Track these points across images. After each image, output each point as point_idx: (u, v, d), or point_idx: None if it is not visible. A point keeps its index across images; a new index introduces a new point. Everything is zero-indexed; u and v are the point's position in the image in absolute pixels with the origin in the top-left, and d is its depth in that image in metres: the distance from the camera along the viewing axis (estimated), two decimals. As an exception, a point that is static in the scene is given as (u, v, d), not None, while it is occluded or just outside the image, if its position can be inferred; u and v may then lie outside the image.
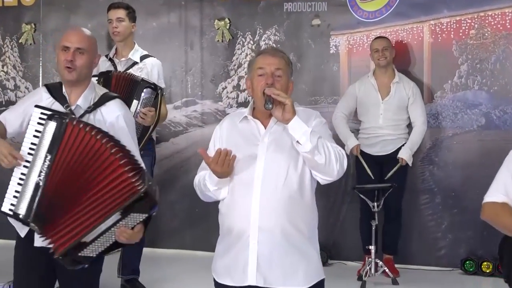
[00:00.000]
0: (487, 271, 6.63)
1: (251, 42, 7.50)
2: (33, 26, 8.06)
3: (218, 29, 7.57)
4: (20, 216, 3.54)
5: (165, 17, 7.76)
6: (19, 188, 3.56)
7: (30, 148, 3.58)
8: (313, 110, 3.58)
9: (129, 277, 5.87)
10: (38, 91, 3.94)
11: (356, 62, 7.17)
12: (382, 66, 6.64)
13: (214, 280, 3.51)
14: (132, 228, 3.44)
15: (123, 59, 5.98)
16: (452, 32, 6.90)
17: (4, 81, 8.21)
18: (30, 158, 3.57)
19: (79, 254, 3.52)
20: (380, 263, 6.26)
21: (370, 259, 6.18)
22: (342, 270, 6.75)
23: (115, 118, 3.76)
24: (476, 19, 6.81)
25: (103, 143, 3.42)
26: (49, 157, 3.52)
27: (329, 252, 6.84)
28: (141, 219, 3.48)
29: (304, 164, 3.38)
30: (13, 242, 3.92)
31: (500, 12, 6.75)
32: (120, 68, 5.90)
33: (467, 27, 6.86)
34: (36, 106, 3.65)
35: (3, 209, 3.59)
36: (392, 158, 6.60)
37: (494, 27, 6.78)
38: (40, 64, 7.98)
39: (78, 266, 3.59)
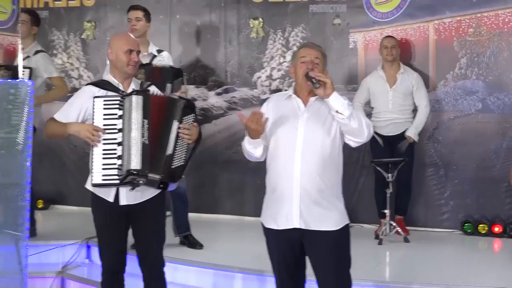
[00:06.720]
0: (483, 232, 6.93)
1: (281, 38, 7.73)
2: (93, 23, 8.42)
3: (253, 27, 7.83)
4: (136, 171, 4.07)
5: (207, 17, 8.02)
6: (105, 162, 4.13)
7: (109, 127, 4.15)
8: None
9: (184, 233, 6.34)
10: (87, 89, 4.41)
11: (371, 56, 7.41)
12: (389, 61, 6.96)
13: (263, 225, 3.95)
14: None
15: (144, 53, 6.11)
16: (453, 31, 7.13)
17: (70, 71, 8.51)
18: (111, 135, 4.15)
19: (172, 166, 4.14)
20: (394, 224, 6.58)
21: (385, 221, 6.52)
22: (360, 231, 6.95)
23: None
24: (474, 19, 7.03)
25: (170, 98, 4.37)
26: (146, 121, 4.11)
27: (348, 217, 7.05)
28: (192, 119, 4.24)
29: (335, 133, 3.78)
30: (86, 208, 4.50)
31: (494, 13, 6.99)
32: (145, 61, 6.04)
33: (466, 26, 7.09)
34: (97, 96, 4.23)
35: (94, 181, 4.14)
36: (401, 138, 6.95)
37: (489, 26, 7.02)
38: (100, 56, 8.11)
39: (177, 180, 4.24)
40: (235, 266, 5.62)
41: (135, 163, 4.07)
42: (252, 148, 3.84)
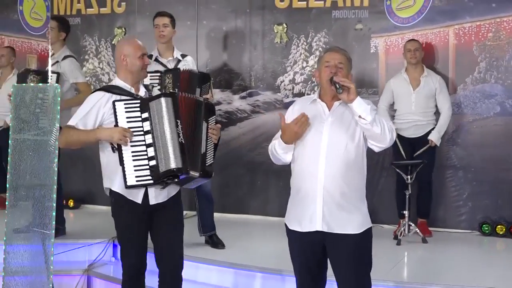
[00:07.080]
0: (501, 233, 6.90)
1: (305, 43, 7.76)
2: (124, 29, 8.50)
3: (277, 32, 7.85)
4: (177, 169, 4.10)
5: (233, 22, 8.07)
6: (136, 163, 4.11)
7: (134, 129, 4.13)
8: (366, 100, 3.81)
9: (210, 233, 6.33)
10: (100, 95, 4.28)
11: (392, 60, 7.43)
12: (413, 64, 6.98)
13: (286, 227, 3.93)
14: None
15: (170, 58, 6.19)
16: (473, 35, 7.13)
17: (100, 76, 8.64)
18: (138, 137, 4.13)
19: (206, 164, 4.27)
20: (412, 225, 6.57)
21: (404, 221, 6.52)
22: (379, 231, 6.80)
23: None
24: (493, 24, 7.03)
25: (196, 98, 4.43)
26: (179, 121, 4.16)
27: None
28: (214, 121, 4.36)
29: (359, 137, 3.75)
30: (107, 207, 4.46)
31: (513, 18, 7.01)
32: (170, 66, 6.12)
33: (485, 31, 7.08)
34: (117, 100, 4.16)
35: (129, 183, 4.11)
36: (423, 140, 6.94)
37: (509, 30, 6.99)
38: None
39: (209, 177, 4.34)
40: (255, 266, 5.64)
41: (176, 162, 4.11)
42: (283, 153, 3.86)
